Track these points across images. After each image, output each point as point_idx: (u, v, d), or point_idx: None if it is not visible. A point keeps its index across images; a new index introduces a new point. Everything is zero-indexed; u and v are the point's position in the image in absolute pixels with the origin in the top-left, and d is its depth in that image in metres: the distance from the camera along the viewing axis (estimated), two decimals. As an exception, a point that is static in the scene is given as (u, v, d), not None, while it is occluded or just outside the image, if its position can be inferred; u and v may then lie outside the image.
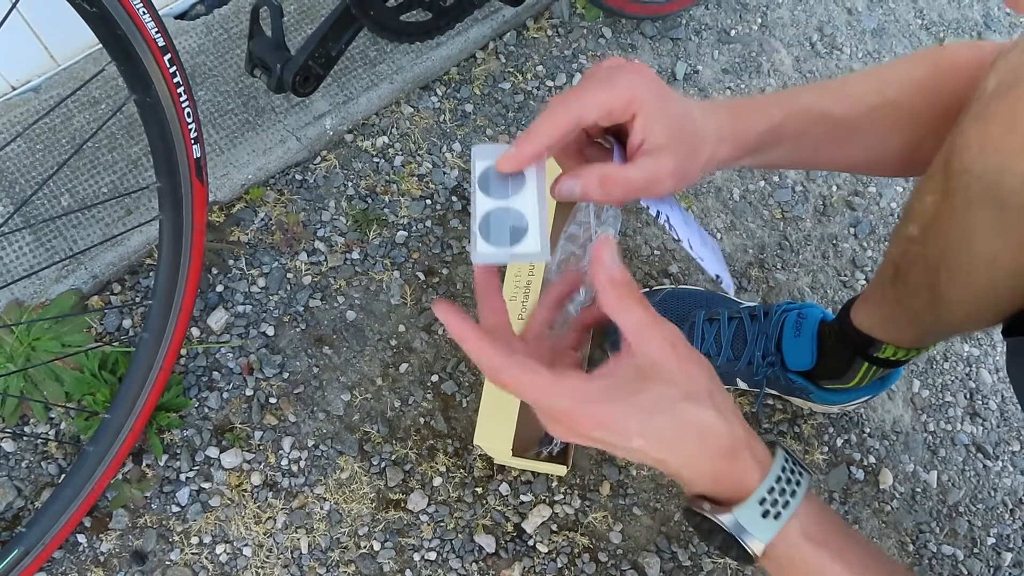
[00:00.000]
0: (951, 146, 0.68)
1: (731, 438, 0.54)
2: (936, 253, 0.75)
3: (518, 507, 1.08)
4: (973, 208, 0.67)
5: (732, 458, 0.55)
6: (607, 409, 0.53)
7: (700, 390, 0.54)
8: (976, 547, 1.16)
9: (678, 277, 1.24)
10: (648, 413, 0.53)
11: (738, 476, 0.55)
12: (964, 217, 0.68)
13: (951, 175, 0.68)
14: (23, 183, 1.12)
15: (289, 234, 1.18)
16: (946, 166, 0.69)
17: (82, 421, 1.04)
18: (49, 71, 1.18)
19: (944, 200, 0.70)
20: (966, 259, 0.71)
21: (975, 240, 0.69)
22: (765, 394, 1.15)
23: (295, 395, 1.10)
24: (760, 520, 0.54)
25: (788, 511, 0.54)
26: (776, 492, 0.54)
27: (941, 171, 0.70)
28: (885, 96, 0.75)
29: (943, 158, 0.69)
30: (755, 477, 0.55)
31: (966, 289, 0.74)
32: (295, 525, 1.04)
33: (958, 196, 0.68)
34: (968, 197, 0.67)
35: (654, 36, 1.42)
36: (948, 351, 1.27)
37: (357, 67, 1.27)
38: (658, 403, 0.53)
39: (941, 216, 0.72)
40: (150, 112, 0.81)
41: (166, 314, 0.97)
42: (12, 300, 1.06)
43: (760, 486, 0.54)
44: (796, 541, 0.55)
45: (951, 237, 0.72)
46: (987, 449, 1.22)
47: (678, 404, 0.53)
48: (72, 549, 1.00)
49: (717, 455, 0.55)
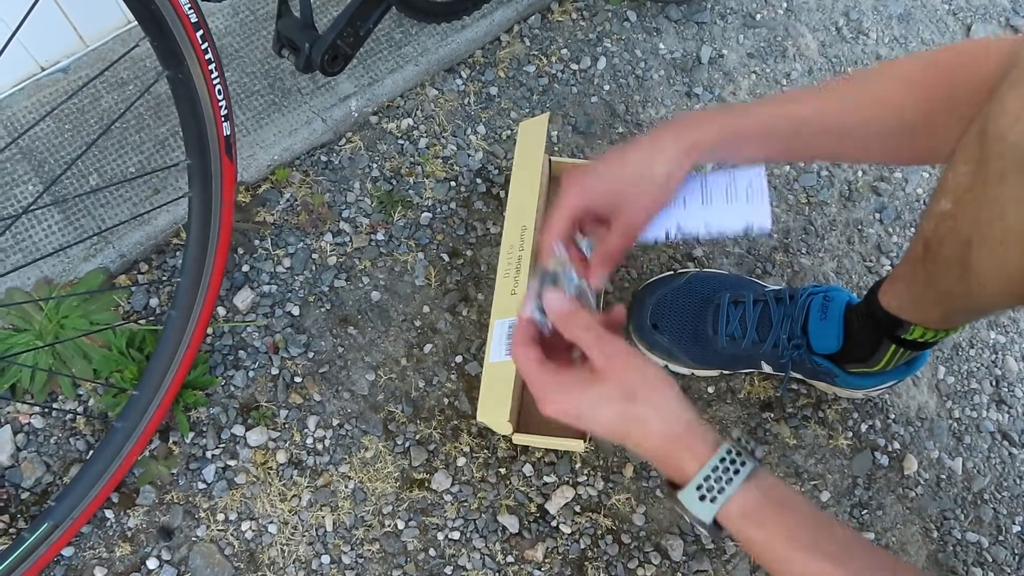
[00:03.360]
0: (987, 113, 0.67)
1: (665, 431, 0.67)
2: (968, 226, 0.74)
3: (541, 488, 1.08)
4: (1008, 178, 0.66)
5: (671, 445, 0.67)
6: (561, 400, 0.70)
7: (635, 391, 0.67)
8: (1001, 535, 1.15)
9: (702, 261, 1.24)
10: (593, 407, 0.69)
11: (678, 464, 0.67)
12: (998, 187, 0.68)
13: (986, 143, 0.67)
14: (52, 162, 1.13)
15: (314, 215, 1.19)
16: (981, 134, 0.68)
17: (110, 398, 1.05)
18: (78, 52, 1.19)
19: (978, 169, 0.70)
20: (999, 231, 0.70)
21: (1009, 211, 0.68)
22: (790, 378, 1.15)
23: (320, 374, 1.11)
24: (698, 503, 0.65)
25: (724, 496, 0.64)
26: (712, 479, 0.64)
27: (976, 139, 0.69)
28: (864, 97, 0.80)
29: (978, 126, 0.69)
30: (693, 466, 0.66)
31: (998, 263, 0.73)
32: (320, 503, 1.05)
33: (992, 165, 0.67)
34: (1003, 166, 0.66)
35: (679, 20, 1.41)
36: (974, 338, 1.27)
37: (382, 49, 1.27)
38: (600, 401, 0.68)
39: (975, 187, 0.71)
40: (182, 88, 0.81)
41: (194, 292, 0.98)
42: (41, 277, 1.07)
43: (697, 474, 0.65)
44: (735, 521, 0.64)
45: (984, 208, 0.71)
46: (1013, 436, 1.21)
47: (616, 402, 0.67)
48: (100, 524, 1.02)
49: (657, 443, 0.67)
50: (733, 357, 1.12)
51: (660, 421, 0.67)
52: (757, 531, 0.64)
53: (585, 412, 0.69)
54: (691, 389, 1.16)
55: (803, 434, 1.15)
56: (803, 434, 1.15)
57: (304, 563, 1.02)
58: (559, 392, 0.70)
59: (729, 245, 1.26)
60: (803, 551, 0.62)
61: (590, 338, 0.71)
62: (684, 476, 0.66)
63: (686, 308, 1.13)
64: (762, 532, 0.64)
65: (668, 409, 0.68)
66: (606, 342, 0.70)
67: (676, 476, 0.67)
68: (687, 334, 1.13)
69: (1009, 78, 0.65)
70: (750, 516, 0.64)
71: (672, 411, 0.68)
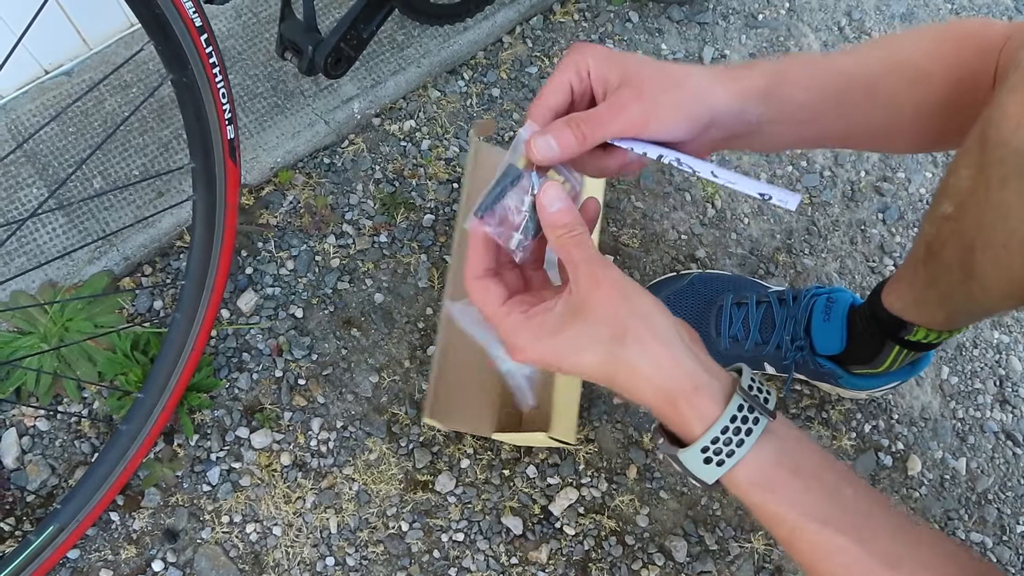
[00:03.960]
0: (987, 119, 0.67)
1: (664, 383, 0.57)
2: (971, 230, 0.74)
3: (545, 489, 1.09)
4: (1010, 182, 0.66)
5: (670, 403, 0.57)
6: (535, 347, 0.58)
7: (627, 332, 0.56)
8: (1005, 535, 1.15)
9: (705, 262, 1.24)
10: (573, 352, 0.57)
11: (680, 423, 0.57)
12: (1000, 192, 0.68)
13: (987, 148, 0.67)
14: (56, 166, 1.13)
15: (317, 217, 1.19)
16: (982, 139, 0.68)
17: (115, 401, 1.05)
18: (81, 55, 1.19)
19: (980, 174, 0.70)
20: (1001, 235, 0.70)
21: (1011, 215, 0.68)
22: (793, 379, 1.15)
23: (324, 376, 1.11)
24: (702, 466, 0.56)
25: (732, 460, 0.56)
26: (721, 442, 0.56)
27: (977, 145, 0.69)
28: (896, 57, 0.74)
29: (979, 131, 0.69)
30: (697, 428, 0.56)
31: (1001, 266, 0.73)
32: (324, 505, 1.05)
33: (994, 170, 0.67)
34: (1004, 171, 0.66)
35: (681, 20, 1.42)
36: (978, 338, 1.27)
37: (385, 51, 1.27)
38: (583, 343, 0.57)
39: (976, 191, 0.71)
40: (186, 92, 0.81)
41: (198, 294, 0.98)
42: (46, 281, 1.07)
43: (702, 437, 0.56)
44: (743, 486, 0.57)
45: (986, 213, 0.71)
46: (1017, 437, 1.21)
47: (603, 344, 0.56)
48: (105, 526, 1.02)
49: (653, 396, 0.57)
50: (736, 359, 1.12)
51: (656, 370, 0.57)
52: (766, 497, 0.57)
53: (566, 357, 0.58)
54: (694, 390, 1.16)
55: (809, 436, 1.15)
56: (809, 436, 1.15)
57: (308, 565, 1.02)
58: (534, 337, 0.58)
59: (732, 246, 1.26)
60: (817, 523, 0.56)
61: (580, 255, 0.58)
62: (687, 434, 0.58)
63: (689, 310, 1.13)
64: (772, 500, 0.57)
65: (666, 355, 0.57)
66: (595, 264, 0.58)
67: (678, 432, 0.59)
68: (690, 335, 1.13)
69: (1009, 83, 0.64)
70: (759, 482, 0.57)
71: (671, 357, 0.57)
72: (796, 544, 0.57)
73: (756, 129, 0.68)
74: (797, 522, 0.56)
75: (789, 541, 0.58)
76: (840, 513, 0.57)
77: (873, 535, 0.56)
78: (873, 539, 0.56)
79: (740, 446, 0.56)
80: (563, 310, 0.58)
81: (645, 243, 1.24)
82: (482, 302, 0.61)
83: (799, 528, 0.56)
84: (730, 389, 0.57)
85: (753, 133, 0.68)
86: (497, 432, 1.05)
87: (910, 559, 0.56)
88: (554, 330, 0.58)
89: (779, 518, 0.57)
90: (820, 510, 0.56)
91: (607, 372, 0.58)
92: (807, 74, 0.70)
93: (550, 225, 0.59)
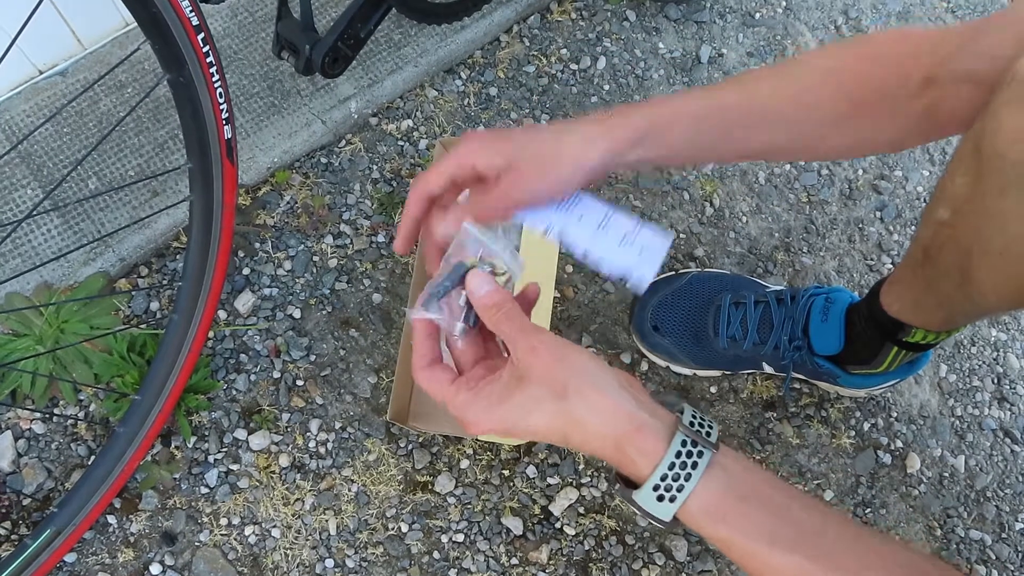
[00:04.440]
0: (981, 131, 0.67)
1: (608, 430, 0.59)
2: (968, 236, 0.74)
3: (545, 489, 1.08)
4: (1008, 192, 0.66)
5: (617, 450, 0.59)
6: (487, 418, 0.61)
7: (568, 389, 0.59)
8: (1004, 532, 1.15)
9: (704, 261, 1.24)
10: (522, 416, 0.60)
11: (629, 465, 0.59)
12: (998, 201, 0.68)
13: (983, 158, 0.67)
14: (51, 166, 1.12)
15: (315, 217, 1.18)
16: (976, 151, 0.68)
17: (111, 403, 1.04)
18: (76, 55, 1.18)
19: (976, 183, 0.70)
20: (999, 242, 0.70)
21: (1010, 223, 0.68)
22: (792, 378, 1.15)
23: (322, 377, 1.11)
24: (656, 504, 0.58)
25: (683, 494, 0.58)
26: (670, 478, 0.58)
27: (971, 155, 0.69)
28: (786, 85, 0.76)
29: (972, 143, 0.69)
30: (647, 467, 0.58)
31: (999, 272, 0.73)
32: (323, 507, 1.05)
33: (991, 180, 0.67)
34: (1002, 181, 0.66)
35: (678, 19, 1.41)
36: (975, 336, 1.27)
37: (382, 50, 1.27)
38: (529, 406, 0.60)
39: (973, 199, 0.71)
40: (183, 92, 0.81)
41: (195, 295, 0.97)
42: (41, 283, 1.07)
43: (652, 475, 0.58)
44: (696, 519, 0.59)
45: (984, 220, 0.71)
46: (1015, 434, 1.21)
47: (547, 404, 0.59)
48: (102, 529, 1.01)
49: (600, 444, 0.59)
50: (735, 358, 1.12)
51: (599, 420, 0.59)
52: (720, 527, 0.59)
53: (516, 424, 0.61)
54: (693, 389, 1.16)
55: (806, 433, 1.15)
56: (806, 433, 1.15)
57: (308, 567, 1.02)
58: (483, 409, 0.62)
59: (731, 244, 1.26)
60: (768, 545, 0.58)
61: (513, 330, 0.62)
62: (637, 475, 0.60)
63: (687, 309, 1.13)
64: (725, 528, 0.58)
65: (606, 404, 0.59)
66: (529, 333, 0.61)
67: (628, 473, 0.61)
68: (688, 335, 1.13)
69: (1004, 95, 0.64)
70: (711, 513, 0.59)
71: (612, 404, 0.59)
72: (749, 567, 0.59)
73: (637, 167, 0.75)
74: (748, 547, 0.58)
75: (744, 566, 0.60)
76: (791, 532, 0.58)
77: (826, 551, 0.57)
78: (826, 555, 0.57)
79: (688, 480, 0.57)
80: (507, 378, 0.61)
81: (643, 242, 1.24)
82: (432, 388, 0.64)
83: (750, 553, 0.58)
84: (673, 427, 0.59)
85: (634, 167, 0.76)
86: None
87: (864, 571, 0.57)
88: (501, 399, 0.61)
89: (731, 545, 0.59)
90: (770, 532, 0.58)
91: (557, 429, 0.60)
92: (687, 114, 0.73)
93: (482, 307, 0.63)
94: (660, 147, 0.72)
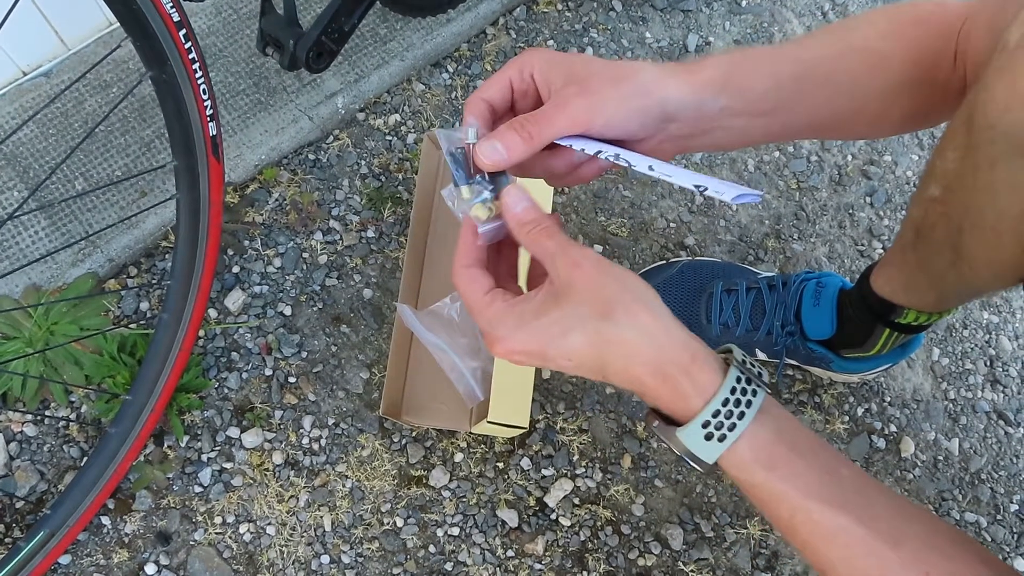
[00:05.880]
0: (973, 102, 0.67)
1: (658, 358, 0.54)
2: (959, 212, 0.74)
3: (540, 481, 1.08)
4: (999, 164, 0.66)
5: (665, 380, 0.54)
6: (517, 335, 0.55)
7: (615, 307, 0.53)
8: (999, 514, 1.16)
9: (695, 249, 1.24)
10: (559, 335, 0.54)
11: (678, 399, 0.55)
12: (989, 173, 0.67)
13: (974, 131, 0.67)
14: (37, 168, 1.12)
15: (304, 214, 1.18)
16: (968, 122, 0.68)
17: (103, 404, 1.04)
18: (60, 56, 1.18)
19: (967, 157, 0.69)
20: (991, 216, 0.70)
21: (1000, 196, 0.68)
22: (785, 364, 1.15)
23: (314, 374, 1.10)
24: (703, 443, 0.54)
25: (734, 434, 0.54)
26: (722, 415, 0.54)
27: (963, 127, 0.69)
28: (853, 41, 0.72)
29: (965, 114, 0.68)
30: (697, 402, 0.54)
31: (991, 247, 0.73)
32: (318, 503, 1.05)
33: (982, 152, 0.67)
34: (993, 153, 0.66)
35: (664, 8, 1.41)
36: (967, 319, 1.27)
37: (368, 45, 1.26)
38: (569, 323, 0.54)
39: (964, 174, 0.71)
40: (166, 89, 0.81)
41: (184, 294, 0.97)
42: (30, 284, 1.06)
43: (702, 411, 0.54)
44: (744, 464, 0.55)
45: (975, 195, 0.70)
46: (1008, 416, 1.21)
47: (590, 322, 0.54)
48: (96, 531, 1.01)
49: (647, 374, 0.55)
50: (728, 345, 1.12)
51: (648, 343, 0.54)
52: (768, 475, 0.55)
53: (551, 344, 0.55)
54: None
55: (800, 419, 1.15)
56: (800, 419, 1.15)
57: (303, 563, 1.02)
58: (515, 324, 0.55)
59: (721, 232, 1.25)
60: (819, 502, 0.54)
61: (553, 246, 0.56)
62: (684, 411, 0.55)
63: (679, 298, 1.13)
64: (774, 476, 0.55)
65: (658, 327, 0.54)
66: (571, 248, 0.56)
67: (672, 409, 0.56)
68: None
69: (995, 65, 0.64)
70: (759, 459, 0.55)
71: (664, 328, 0.54)
72: (797, 526, 0.56)
73: (718, 124, 0.66)
74: (799, 502, 0.55)
75: (790, 522, 0.56)
76: (840, 493, 0.55)
77: (873, 515, 0.55)
78: (874, 519, 0.55)
79: (741, 419, 0.53)
80: (545, 297, 0.56)
81: (634, 232, 1.24)
82: (467, 290, 0.58)
83: (802, 508, 0.55)
84: (723, 363, 0.56)
85: (716, 129, 0.66)
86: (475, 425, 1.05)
87: (911, 537, 0.55)
88: (537, 314, 0.55)
89: (781, 497, 0.55)
90: (821, 489, 0.55)
91: (596, 354, 0.55)
92: (763, 63, 0.68)
93: (518, 224, 0.58)
94: (741, 97, 0.65)
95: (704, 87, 0.63)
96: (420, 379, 1.09)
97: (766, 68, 0.68)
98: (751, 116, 0.67)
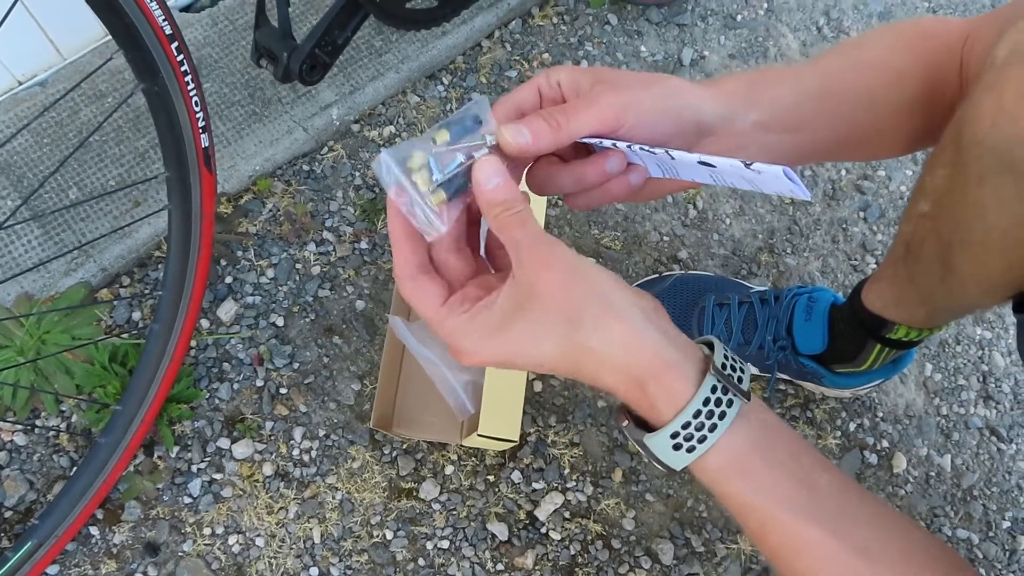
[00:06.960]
0: (961, 118, 0.67)
1: (629, 365, 0.52)
2: (949, 228, 0.74)
3: (530, 495, 1.08)
4: (987, 180, 0.66)
5: (637, 386, 0.52)
6: (484, 348, 0.52)
7: (582, 315, 0.51)
8: (991, 531, 1.15)
9: (688, 263, 1.24)
10: (530, 346, 0.52)
11: (648, 408, 0.53)
12: (977, 189, 0.68)
13: (962, 147, 0.67)
14: (31, 177, 1.12)
15: (297, 225, 1.18)
16: (957, 138, 0.68)
17: (93, 413, 1.04)
18: (55, 65, 1.18)
19: (956, 172, 0.70)
20: (980, 232, 0.70)
21: (989, 212, 0.68)
22: (777, 379, 1.15)
23: (306, 385, 1.10)
24: (671, 452, 0.52)
25: (704, 446, 0.52)
26: (692, 427, 0.51)
27: (952, 143, 0.69)
28: (867, 57, 0.73)
29: (954, 130, 0.69)
30: (668, 412, 0.52)
31: (980, 263, 0.73)
32: (307, 515, 1.04)
33: (970, 168, 0.67)
34: (981, 169, 0.66)
35: (660, 22, 1.42)
36: (960, 334, 1.27)
37: (363, 57, 1.27)
38: (537, 332, 0.51)
39: (953, 190, 0.71)
40: (158, 101, 0.81)
41: (176, 304, 0.97)
42: (22, 293, 1.06)
43: (672, 422, 0.51)
44: (713, 472, 0.53)
45: (964, 210, 0.71)
46: (1001, 432, 1.21)
47: (560, 329, 0.51)
48: (85, 541, 1.00)
49: (619, 382, 0.53)
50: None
51: (620, 352, 0.51)
52: (738, 486, 0.53)
53: (519, 354, 0.52)
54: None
55: (791, 434, 1.15)
56: (791, 434, 1.15)
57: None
58: (480, 337, 0.52)
59: (714, 246, 1.26)
60: (790, 513, 0.53)
61: (523, 236, 0.51)
62: (655, 417, 0.53)
63: (671, 311, 1.13)
64: (744, 487, 0.53)
65: (628, 336, 0.52)
66: (542, 243, 0.51)
67: (646, 415, 0.54)
68: (673, 337, 1.12)
69: (983, 81, 0.64)
70: (729, 469, 0.53)
71: (636, 336, 0.52)
72: (767, 536, 0.54)
73: (752, 140, 0.64)
74: (769, 513, 0.53)
75: (760, 533, 0.54)
76: (814, 503, 0.53)
77: (847, 526, 0.53)
78: (847, 531, 0.53)
79: (712, 431, 0.51)
80: (507, 301, 0.52)
81: (627, 245, 1.24)
82: (418, 304, 0.54)
83: (771, 519, 0.53)
84: (702, 367, 0.53)
85: (750, 146, 0.64)
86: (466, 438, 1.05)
87: (885, 547, 0.54)
88: (502, 325, 0.52)
89: (750, 508, 0.53)
90: (793, 500, 0.53)
91: (569, 362, 0.52)
92: (784, 78, 0.68)
93: (488, 203, 0.52)
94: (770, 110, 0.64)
95: (730, 98, 0.62)
96: (411, 391, 1.09)
97: (788, 83, 0.67)
98: (781, 132, 0.66)
